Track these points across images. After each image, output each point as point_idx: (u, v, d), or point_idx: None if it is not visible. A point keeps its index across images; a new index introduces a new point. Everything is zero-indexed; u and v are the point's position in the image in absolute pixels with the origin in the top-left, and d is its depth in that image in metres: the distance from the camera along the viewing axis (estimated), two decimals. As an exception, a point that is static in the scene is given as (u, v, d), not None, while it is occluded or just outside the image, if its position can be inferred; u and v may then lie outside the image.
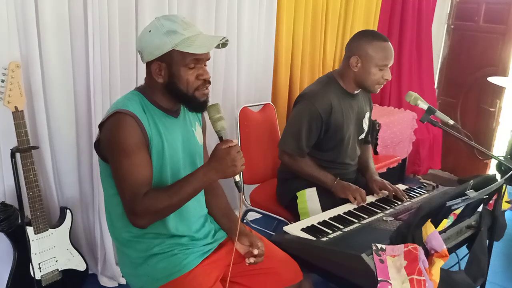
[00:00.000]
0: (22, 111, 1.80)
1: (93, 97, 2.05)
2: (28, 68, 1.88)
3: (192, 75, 1.32)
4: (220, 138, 1.33)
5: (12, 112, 1.78)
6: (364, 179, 2.12)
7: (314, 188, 2.01)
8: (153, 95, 1.38)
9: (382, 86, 1.97)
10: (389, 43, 1.91)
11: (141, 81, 1.44)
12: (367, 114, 2.15)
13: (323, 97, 1.94)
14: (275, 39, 2.82)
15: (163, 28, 1.30)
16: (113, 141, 1.29)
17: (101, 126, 1.34)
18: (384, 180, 2.04)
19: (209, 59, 1.37)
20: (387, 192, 1.97)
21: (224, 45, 1.36)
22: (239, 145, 1.36)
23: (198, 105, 1.37)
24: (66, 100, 2.03)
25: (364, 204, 1.86)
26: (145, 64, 1.37)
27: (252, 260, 1.44)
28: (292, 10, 2.84)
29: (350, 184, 1.93)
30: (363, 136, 2.16)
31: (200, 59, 1.32)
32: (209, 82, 1.37)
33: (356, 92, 2.04)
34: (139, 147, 1.29)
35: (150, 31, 1.32)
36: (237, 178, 1.33)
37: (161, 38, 1.29)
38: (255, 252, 1.44)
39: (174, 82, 1.33)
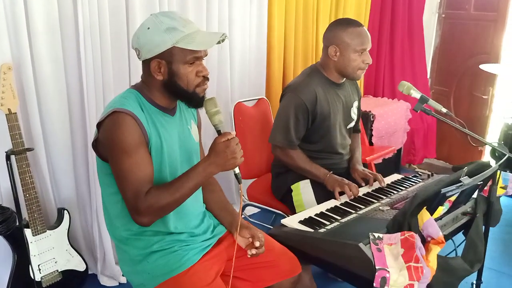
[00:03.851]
0: (16, 113, 1.79)
1: (87, 97, 2.04)
2: (20, 70, 1.87)
3: (191, 73, 1.33)
4: (218, 131, 1.33)
5: (6, 114, 1.77)
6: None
7: (308, 180, 2.02)
8: (150, 93, 1.38)
9: (364, 71, 1.98)
10: (364, 27, 1.94)
11: (134, 80, 1.44)
12: (355, 103, 2.16)
13: (307, 88, 1.95)
14: (267, 33, 2.82)
15: (162, 25, 1.29)
16: (112, 140, 1.28)
17: (99, 125, 1.33)
18: (364, 169, 2.06)
19: (206, 55, 1.38)
20: (376, 184, 1.97)
21: (222, 41, 1.36)
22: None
23: (198, 100, 1.37)
24: (59, 101, 2.02)
25: (360, 195, 1.87)
26: (141, 62, 1.37)
27: (254, 251, 1.44)
28: (283, 3, 2.83)
29: (343, 179, 1.92)
30: (352, 125, 2.17)
31: (199, 56, 1.33)
32: (208, 79, 1.38)
33: (341, 81, 2.05)
34: (139, 145, 1.29)
35: (148, 28, 1.31)
36: (237, 170, 1.34)
37: (161, 35, 1.28)
38: (257, 244, 1.45)
39: (174, 79, 1.33)
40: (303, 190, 2.01)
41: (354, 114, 2.15)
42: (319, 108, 1.96)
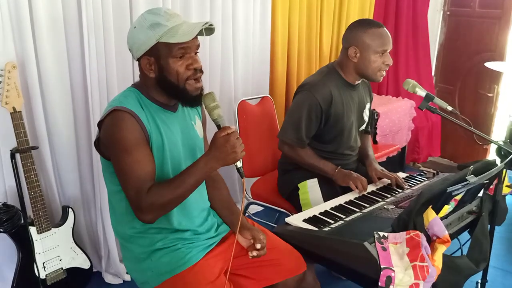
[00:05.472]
0: (20, 111, 1.80)
1: (91, 94, 2.04)
2: (24, 68, 1.87)
3: (181, 66, 1.31)
4: (218, 126, 1.33)
5: (10, 113, 1.78)
6: (364, 167, 2.13)
7: (316, 179, 2.01)
8: (149, 91, 1.37)
9: (384, 73, 1.96)
10: (385, 28, 1.91)
11: (138, 77, 1.44)
12: (368, 105, 2.15)
13: (323, 88, 1.94)
14: (271, 31, 2.81)
15: (146, 22, 1.29)
16: (113, 139, 1.29)
17: (99, 124, 1.34)
18: (383, 169, 2.04)
19: (198, 46, 1.35)
20: (387, 181, 1.97)
21: (210, 30, 1.34)
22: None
23: (191, 99, 1.36)
24: (63, 99, 2.03)
25: (365, 193, 1.86)
26: (137, 61, 1.37)
27: (254, 253, 1.44)
28: (287, 0, 2.82)
29: (352, 172, 1.93)
30: (363, 127, 2.17)
31: (187, 48, 1.31)
32: (201, 71, 1.35)
33: (357, 83, 2.04)
34: (140, 143, 1.29)
35: (135, 27, 1.32)
36: (239, 164, 1.33)
37: (145, 32, 1.29)
38: (258, 246, 1.45)
39: (164, 75, 1.32)
40: (310, 189, 2.00)
41: (366, 116, 2.15)
42: (333, 109, 1.95)
